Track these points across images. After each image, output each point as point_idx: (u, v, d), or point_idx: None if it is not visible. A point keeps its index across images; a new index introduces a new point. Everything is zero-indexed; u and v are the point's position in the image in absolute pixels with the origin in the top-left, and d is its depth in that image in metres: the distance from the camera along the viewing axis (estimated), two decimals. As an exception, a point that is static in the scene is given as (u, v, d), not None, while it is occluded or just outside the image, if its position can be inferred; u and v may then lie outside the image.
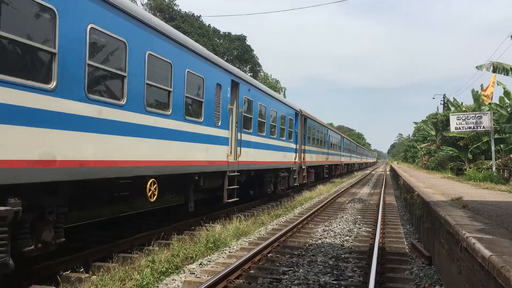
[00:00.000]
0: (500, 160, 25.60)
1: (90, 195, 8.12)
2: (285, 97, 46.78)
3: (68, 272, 6.91)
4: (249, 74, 47.24)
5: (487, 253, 4.48)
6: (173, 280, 7.09)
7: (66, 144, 6.24)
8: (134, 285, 6.50)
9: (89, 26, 6.68)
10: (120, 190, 8.77)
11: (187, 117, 10.03)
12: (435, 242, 8.20)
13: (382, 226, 12.65)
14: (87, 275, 6.87)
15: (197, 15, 42.91)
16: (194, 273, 7.56)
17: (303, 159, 23.10)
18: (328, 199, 19.49)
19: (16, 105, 5.41)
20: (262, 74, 56.84)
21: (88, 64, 6.65)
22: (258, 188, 17.38)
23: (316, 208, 15.90)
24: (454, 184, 17.71)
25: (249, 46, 47.61)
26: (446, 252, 6.99)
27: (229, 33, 46.74)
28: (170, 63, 9.21)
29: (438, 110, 52.98)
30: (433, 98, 65.87)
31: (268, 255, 8.95)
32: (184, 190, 11.03)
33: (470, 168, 27.98)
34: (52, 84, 5.96)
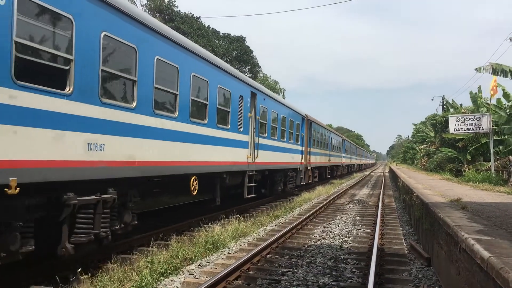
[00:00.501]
0: (499, 161, 25.61)
1: (152, 187, 9.58)
2: (284, 98, 46.83)
3: (67, 273, 6.90)
4: (248, 75, 47.26)
5: (486, 254, 4.48)
6: (172, 281, 7.09)
7: (141, 149, 8.15)
8: (133, 286, 6.49)
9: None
10: (172, 185, 10.26)
11: (219, 125, 11.98)
12: (434, 243, 8.21)
13: (381, 227, 12.66)
14: (86, 276, 6.85)
15: (196, 16, 42.96)
16: (193, 274, 7.56)
17: (309, 160, 24.73)
18: (327, 200, 19.49)
19: (118, 121, 7.52)
20: (261, 75, 56.86)
21: (155, 87, 8.61)
22: (269, 187, 18.74)
23: (315, 209, 15.90)
24: (453, 185, 17.74)
25: (248, 47, 47.67)
26: (445, 253, 6.99)
27: (229, 34, 46.79)
28: (207, 81, 11.13)
29: (437, 111, 53.05)
30: (432, 100, 65.95)
31: (267, 256, 8.95)
32: (213, 186, 12.55)
33: (469, 169, 28.01)
34: (133, 104, 7.93)
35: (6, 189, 5.17)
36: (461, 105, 38.69)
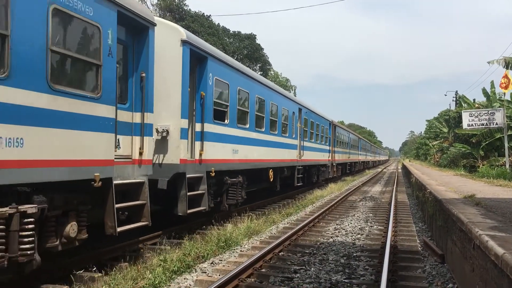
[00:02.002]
0: (513, 156, 25.26)
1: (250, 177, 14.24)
2: (295, 95, 46.76)
3: (81, 271, 6.97)
4: (259, 72, 47.24)
5: (500, 251, 4.43)
6: (185, 279, 7.12)
7: (253, 152, 13.90)
8: (146, 284, 6.53)
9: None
10: (258, 175, 15.39)
11: (283, 134, 17.71)
12: (448, 240, 8.14)
13: (394, 224, 12.58)
14: (99, 274, 6.92)
15: (207, 15, 43.02)
16: (205, 272, 7.59)
17: (334, 158, 30.30)
18: (340, 198, 19.43)
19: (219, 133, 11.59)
20: (272, 72, 56.83)
21: (256, 114, 14.30)
22: (307, 179, 23.35)
23: (328, 207, 15.86)
24: (466, 181, 17.56)
25: (258, 44, 47.64)
26: (459, 250, 6.93)
27: (239, 32, 46.79)
28: (276, 105, 16.84)
29: (450, 107, 52.55)
30: (445, 95, 65.45)
31: (280, 253, 8.95)
32: (277, 176, 17.29)
33: (483, 165, 27.72)
34: (226, 121, 12.05)
35: None
36: (474, 100, 38.26)
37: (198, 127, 10.46)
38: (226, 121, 11.93)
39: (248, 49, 46.44)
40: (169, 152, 9.42)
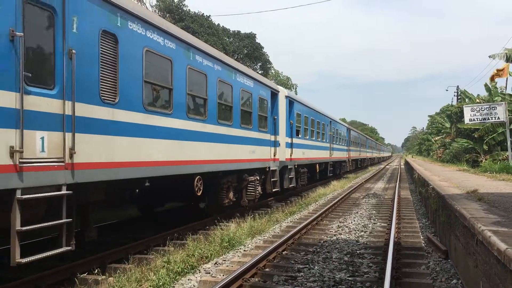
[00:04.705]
0: (516, 150, 25.18)
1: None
2: (296, 94, 46.73)
3: (85, 274, 7.00)
4: (260, 71, 47.19)
5: (503, 246, 4.42)
6: (189, 280, 7.13)
7: (309, 153, 21.63)
8: (150, 286, 6.55)
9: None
10: (313, 168, 23.41)
11: (323, 140, 25.23)
12: (451, 236, 8.13)
13: (398, 220, 12.57)
14: (103, 276, 6.94)
15: (206, 15, 42.97)
16: (209, 273, 7.60)
17: (350, 155, 37.78)
18: (342, 195, 19.42)
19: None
20: (273, 71, 56.77)
21: (304, 128, 21.26)
22: (333, 172, 30.20)
23: (331, 204, 15.85)
24: (469, 176, 17.52)
25: (259, 44, 47.53)
26: (462, 246, 6.92)
27: (239, 32, 46.72)
28: (323, 123, 25.12)
29: (452, 102, 52.42)
30: (447, 90, 65.21)
31: (283, 252, 8.95)
32: (319, 169, 24.99)
33: (485, 159, 27.65)
34: (300, 135, 19.84)
35: None
36: (478, 95, 38.12)
37: (288, 140, 18.12)
38: (299, 135, 19.91)
39: (248, 48, 46.37)
40: (282, 154, 17.06)
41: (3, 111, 5.13)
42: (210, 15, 43.69)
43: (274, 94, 16.33)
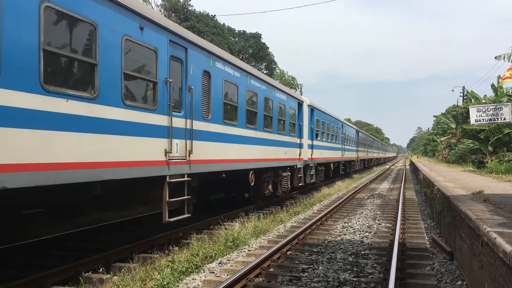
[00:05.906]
0: (522, 151, 25.04)
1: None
2: (301, 94, 46.72)
3: (89, 273, 7.02)
4: (265, 71, 47.19)
5: (508, 247, 4.40)
6: (193, 279, 7.14)
7: (325, 152, 24.33)
8: (154, 285, 6.56)
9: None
10: (328, 166, 26.48)
11: (335, 141, 27.44)
12: (456, 237, 8.10)
13: (402, 221, 12.53)
14: (108, 275, 6.96)
15: (211, 15, 43.02)
16: (214, 272, 7.60)
17: (358, 155, 41.01)
18: (347, 195, 19.37)
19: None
20: (278, 71, 56.75)
21: (322, 131, 23.79)
22: (345, 170, 33.71)
23: (335, 205, 15.83)
24: (475, 177, 17.44)
25: (264, 43, 47.57)
26: (467, 247, 6.89)
27: (244, 31, 46.75)
28: (336, 127, 28.07)
29: (457, 102, 52.20)
30: (452, 91, 64.92)
31: (287, 252, 8.94)
32: (329, 168, 26.70)
33: (491, 160, 27.47)
34: (319, 138, 23.12)
35: None
36: (485, 96, 37.91)
37: (310, 142, 20.57)
38: (318, 138, 22.18)
39: (253, 48, 46.41)
40: (305, 154, 19.53)
41: (163, 128, 8.28)
42: (215, 15, 43.71)
43: (300, 104, 19.38)
